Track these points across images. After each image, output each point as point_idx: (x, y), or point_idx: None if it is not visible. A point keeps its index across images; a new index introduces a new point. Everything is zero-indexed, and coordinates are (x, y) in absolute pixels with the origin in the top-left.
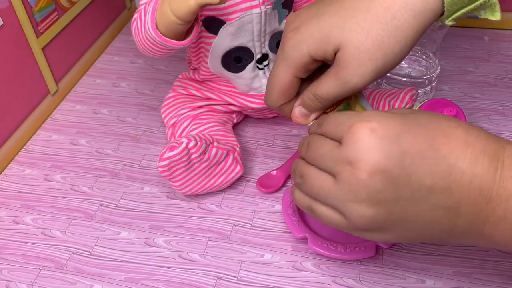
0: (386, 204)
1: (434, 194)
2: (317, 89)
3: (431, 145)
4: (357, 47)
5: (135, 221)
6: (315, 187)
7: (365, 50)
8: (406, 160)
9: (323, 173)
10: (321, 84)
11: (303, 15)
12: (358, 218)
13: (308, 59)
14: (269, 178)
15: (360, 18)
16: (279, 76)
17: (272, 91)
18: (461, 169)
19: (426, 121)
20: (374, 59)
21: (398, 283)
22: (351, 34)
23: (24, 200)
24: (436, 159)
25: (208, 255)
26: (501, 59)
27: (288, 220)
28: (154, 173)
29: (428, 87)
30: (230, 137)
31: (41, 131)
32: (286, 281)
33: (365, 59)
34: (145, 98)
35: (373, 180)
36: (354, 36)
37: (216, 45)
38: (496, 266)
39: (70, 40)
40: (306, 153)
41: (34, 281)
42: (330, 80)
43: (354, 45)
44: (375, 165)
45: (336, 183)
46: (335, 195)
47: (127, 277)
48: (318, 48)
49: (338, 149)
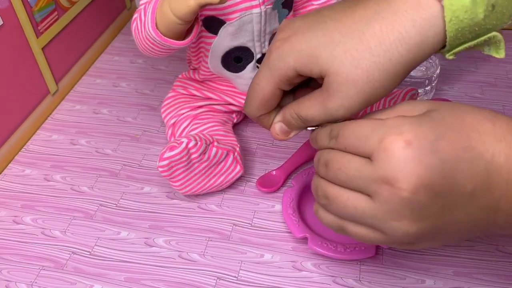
0: (430, 217)
1: (476, 198)
2: (301, 110)
3: (466, 146)
4: (345, 78)
5: (135, 221)
6: (348, 208)
7: (353, 82)
8: (446, 168)
9: (353, 193)
10: (305, 106)
11: (296, 25)
12: (400, 235)
13: (293, 73)
14: (269, 178)
15: (352, 46)
16: (261, 85)
17: (253, 100)
18: (498, 165)
19: (453, 118)
20: (362, 92)
21: (398, 283)
22: (340, 61)
23: (24, 200)
24: (474, 160)
25: (208, 255)
26: (501, 59)
27: (288, 220)
28: (154, 173)
29: (428, 87)
30: (230, 137)
31: (41, 131)
32: (286, 281)
33: (352, 92)
34: (145, 98)
35: (416, 196)
36: (344, 65)
37: (216, 45)
38: (496, 266)
39: (70, 40)
40: (328, 173)
41: (34, 281)
42: (315, 105)
43: (342, 75)
44: (417, 182)
45: (373, 203)
46: (373, 215)
47: (127, 277)
48: (305, 65)
49: (370, 168)
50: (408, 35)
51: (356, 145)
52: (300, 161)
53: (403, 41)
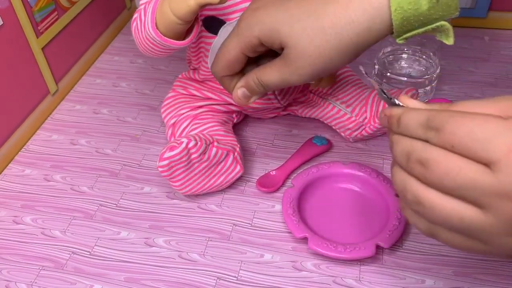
0: None
1: None
2: (262, 75)
3: None
4: (300, 51)
5: (135, 221)
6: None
7: (306, 56)
8: None
9: (459, 203)
10: (266, 72)
11: (262, 2)
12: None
13: (257, 42)
14: (269, 178)
15: (308, 25)
16: (228, 47)
17: (219, 60)
18: None
19: None
20: (313, 65)
21: (398, 283)
22: (297, 37)
23: (24, 200)
24: None
25: (208, 255)
26: (501, 59)
27: (288, 220)
28: (154, 173)
29: (428, 87)
30: (230, 137)
31: (41, 131)
32: (286, 281)
33: (305, 63)
34: (145, 98)
35: None
36: (300, 40)
37: (216, 45)
38: (496, 266)
39: (70, 40)
40: (427, 176)
41: (34, 281)
42: (274, 71)
43: (299, 49)
44: None
45: (484, 216)
46: (481, 228)
47: (127, 277)
48: (267, 36)
49: (490, 179)
50: (358, 20)
51: (472, 147)
52: (300, 161)
53: (353, 25)
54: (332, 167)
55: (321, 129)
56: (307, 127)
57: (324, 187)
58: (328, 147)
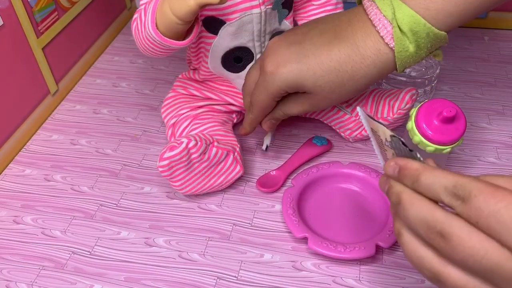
0: None
1: None
2: (288, 109)
3: None
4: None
5: (135, 221)
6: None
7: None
8: None
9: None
10: (290, 107)
11: (282, 56)
12: None
13: (284, 92)
14: (269, 178)
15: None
16: (259, 99)
17: (255, 109)
18: None
19: None
20: (332, 102)
21: (398, 283)
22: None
23: (24, 200)
24: None
25: (208, 255)
26: (501, 59)
27: (288, 220)
28: (154, 173)
29: (428, 87)
30: (230, 137)
31: (41, 131)
32: (286, 281)
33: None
34: (145, 98)
35: None
36: (323, 91)
37: (216, 45)
38: None
39: (70, 40)
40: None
41: (34, 281)
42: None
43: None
44: None
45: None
46: None
47: (127, 277)
48: (294, 88)
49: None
50: (370, 73)
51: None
52: (300, 161)
53: (366, 77)
54: (332, 167)
55: (321, 129)
56: (307, 127)
57: (324, 187)
58: (328, 147)
